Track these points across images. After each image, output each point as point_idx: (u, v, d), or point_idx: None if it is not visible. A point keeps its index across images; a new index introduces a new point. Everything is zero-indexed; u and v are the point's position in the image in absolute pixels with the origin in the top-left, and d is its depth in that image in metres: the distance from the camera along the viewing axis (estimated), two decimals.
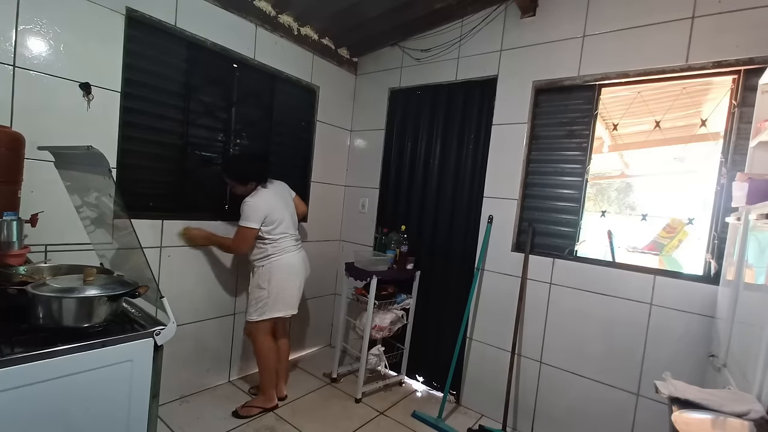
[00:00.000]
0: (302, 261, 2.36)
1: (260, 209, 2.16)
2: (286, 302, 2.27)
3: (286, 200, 2.35)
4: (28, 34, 1.64)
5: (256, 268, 2.27)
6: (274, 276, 2.22)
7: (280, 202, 2.28)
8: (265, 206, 2.19)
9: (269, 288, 2.21)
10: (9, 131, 1.48)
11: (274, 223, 2.21)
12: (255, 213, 2.15)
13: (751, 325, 1.14)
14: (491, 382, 2.49)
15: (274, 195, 2.27)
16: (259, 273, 2.24)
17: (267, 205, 2.19)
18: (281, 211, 2.26)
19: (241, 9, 2.38)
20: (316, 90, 2.97)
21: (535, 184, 2.41)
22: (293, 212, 2.38)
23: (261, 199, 2.19)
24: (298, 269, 2.32)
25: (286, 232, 2.28)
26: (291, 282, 2.28)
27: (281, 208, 2.27)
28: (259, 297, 2.22)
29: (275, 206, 2.23)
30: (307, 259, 2.42)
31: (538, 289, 2.34)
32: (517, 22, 2.43)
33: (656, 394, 1.12)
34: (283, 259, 2.25)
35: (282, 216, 2.25)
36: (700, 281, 1.90)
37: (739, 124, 1.84)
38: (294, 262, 2.30)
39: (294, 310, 2.32)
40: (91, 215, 1.68)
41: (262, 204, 2.18)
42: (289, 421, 2.26)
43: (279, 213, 2.24)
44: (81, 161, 1.48)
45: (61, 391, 0.96)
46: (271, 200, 2.23)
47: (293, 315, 2.35)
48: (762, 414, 0.95)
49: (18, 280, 1.21)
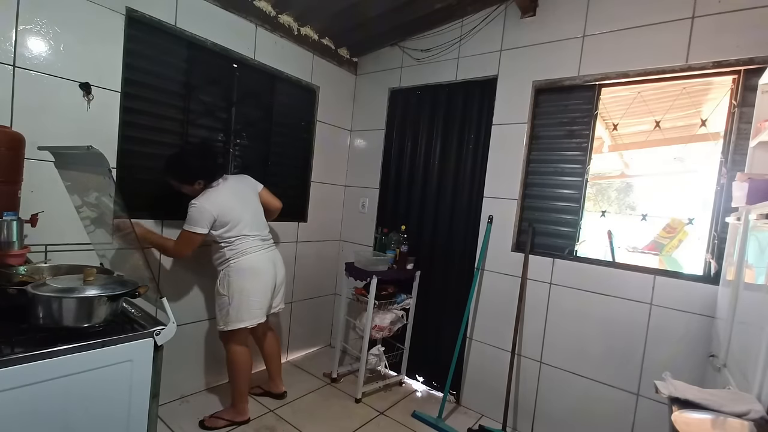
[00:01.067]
0: (269, 262, 2.14)
1: (207, 211, 1.95)
2: (250, 310, 2.06)
3: (245, 198, 2.14)
4: (28, 34, 1.64)
5: (217, 272, 2.11)
6: (234, 281, 2.03)
7: (235, 201, 2.06)
8: (214, 208, 1.97)
9: (229, 294, 2.03)
10: (9, 131, 1.48)
11: (227, 225, 2.01)
12: (201, 216, 1.94)
13: (751, 325, 1.14)
14: (491, 382, 2.49)
15: (228, 194, 2.05)
16: (219, 278, 2.08)
17: (216, 207, 1.98)
18: (237, 210, 2.05)
19: (241, 9, 2.38)
20: (316, 90, 2.97)
21: (535, 184, 2.41)
22: (257, 210, 2.18)
23: (209, 201, 1.97)
24: (263, 272, 2.10)
25: (245, 233, 2.07)
26: (254, 286, 2.06)
27: (237, 207, 2.05)
28: (221, 304, 2.06)
29: (228, 206, 2.01)
30: (278, 260, 2.23)
31: (538, 289, 2.34)
32: (517, 22, 2.43)
33: (656, 394, 1.12)
34: (242, 262, 2.05)
35: (239, 216, 2.05)
36: (700, 281, 1.90)
37: (739, 124, 1.84)
38: (257, 264, 2.08)
39: (260, 319, 2.11)
40: (91, 215, 1.68)
41: (209, 206, 1.96)
42: (289, 421, 2.26)
43: (234, 213, 2.03)
44: (81, 161, 1.48)
45: (61, 391, 0.96)
46: (222, 200, 2.01)
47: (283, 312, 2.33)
48: (762, 414, 0.95)
49: (18, 280, 1.21)
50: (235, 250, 2.05)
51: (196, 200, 1.97)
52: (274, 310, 2.26)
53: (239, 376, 2.13)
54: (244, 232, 2.07)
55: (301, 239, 2.99)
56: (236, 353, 2.11)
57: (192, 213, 1.94)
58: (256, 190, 2.24)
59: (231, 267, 2.05)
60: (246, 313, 2.05)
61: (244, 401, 2.19)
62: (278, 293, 2.26)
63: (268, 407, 2.36)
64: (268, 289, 2.13)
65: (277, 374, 2.46)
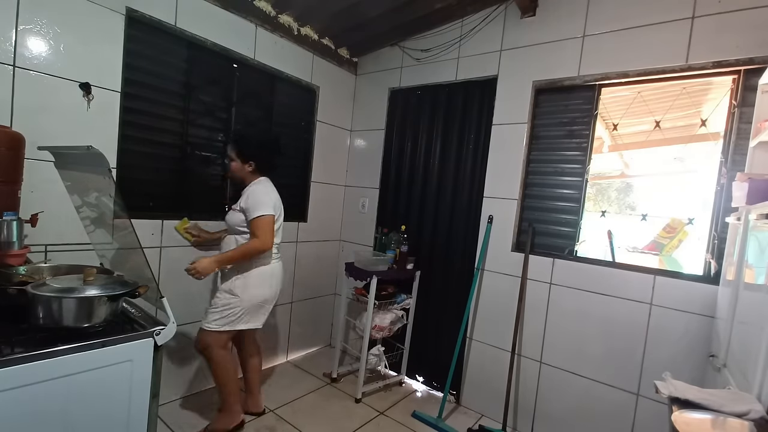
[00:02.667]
0: (282, 270, 2.13)
1: (272, 198, 1.96)
2: (259, 315, 2.03)
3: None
4: (28, 34, 1.64)
5: (232, 272, 1.98)
6: (255, 286, 1.96)
7: (279, 201, 2.07)
8: (276, 197, 1.99)
9: (243, 297, 1.94)
10: (9, 131, 1.48)
11: (278, 222, 2.01)
12: (268, 198, 1.93)
13: (751, 325, 1.14)
14: (491, 382, 2.49)
15: (276, 192, 2.07)
16: (235, 279, 1.96)
17: (276, 198, 1.99)
18: (281, 212, 2.06)
19: (241, 9, 2.38)
20: (316, 90, 2.97)
21: (535, 184, 2.41)
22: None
23: (271, 188, 2.02)
24: (278, 280, 2.09)
25: (279, 239, 2.07)
26: (270, 294, 2.03)
27: (280, 207, 2.06)
28: (228, 305, 1.93)
29: (279, 204, 2.04)
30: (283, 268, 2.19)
31: (538, 289, 2.34)
32: (517, 22, 2.43)
33: (656, 394, 1.12)
34: (266, 268, 2.00)
35: (281, 218, 2.06)
36: (700, 281, 1.90)
37: (739, 124, 1.84)
38: (276, 272, 2.07)
39: (261, 324, 2.07)
40: (91, 215, 1.68)
41: (273, 194, 1.99)
42: (289, 421, 2.26)
43: (279, 214, 2.04)
44: (81, 161, 1.48)
45: (61, 391, 0.96)
46: (277, 196, 2.03)
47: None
48: (762, 414, 0.95)
49: (18, 280, 1.21)
50: (270, 252, 2.00)
51: (255, 185, 1.99)
52: None
53: (229, 377, 2.02)
54: (280, 238, 2.06)
55: (301, 239, 2.99)
56: (222, 356, 1.98)
57: (257, 197, 1.92)
58: None
59: (255, 271, 1.97)
60: (254, 318, 2.01)
61: (237, 402, 2.08)
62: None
63: (267, 407, 2.36)
64: (277, 297, 2.11)
65: (258, 389, 2.30)
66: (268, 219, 1.90)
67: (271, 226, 1.91)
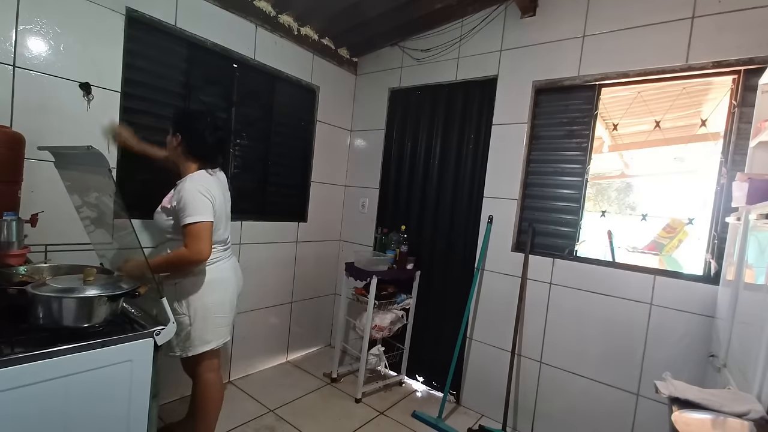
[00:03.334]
0: (232, 271, 1.81)
1: (209, 197, 1.60)
2: (216, 329, 1.71)
3: (226, 196, 1.80)
4: (28, 34, 1.64)
5: (169, 284, 1.66)
6: (195, 296, 1.66)
7: (222, 197, 1.73)
8: (215, 194, 1.64)
9: (190, 312, 1.65)
10: (9, 131, 1.48)
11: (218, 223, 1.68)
12: (206, 201, 1.58)
13: (751, 325, 1.14)
14: (491, 382, 2.49)
15: (219, 186, 1.71)
16: (175, 291, 1.65)
17: (217, 193, 1.65)
18: (223, 209, 1.73)
19: (241, 9, 2.38)
20: (316, 90, 2.97)
21: (535, 184, 2.41)
22: (229, 216, 1.85)
23: (207, 183, 1.63)
24: (228, 283, 1.77)
25: (221, 239, 1.74)
26: (219, 301, 1.72)
27: (223, 204, 1.73)
28: (181, 324, 1.64)
29: (220, 201, 1.68)
30: (238, 267, 1.90)
31: (538, 289, 2.33)
32: (517, 22, 2.43)
33: (656, 394, 1.12)
34: (210, 272, 1.69)
35: (223, 214, 1.73)
36: (700, 281, 1.90)
37: (739, 124, 1.84)
38: (221, 275, 1.73)
39: (227, 337, 1.80)
40: (91, 215, 1.68)
41: (212, 190, 1.63)
42: (289, 421, 2.26)
43: (221, 211, 1.70)
44: (81, 161, 1.48)
45: (61, 391, 0.96)
46: (216, 192, 1.66)
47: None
48: (762, 414, 0.95)
49: (18, 280, 1.21)
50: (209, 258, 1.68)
51: (187, 181, 1.61)
52: None
53: (210, 413, 1.76)
54: (222, 237, 1.75)
55: (301, 239, 2.99)
56: (210, 384, 1.73)
57: (189, 198, 1.55)
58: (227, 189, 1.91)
59: (190, 279, 1.66)
60: (211, 333, 1.70)
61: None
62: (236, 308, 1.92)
63: (267, 407, 2.36)
64: (233, 302, 1.81)
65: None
66: (203, 226, 1.55)
67: (206, 234, 1.56)
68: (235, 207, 2.59)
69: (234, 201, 2.02)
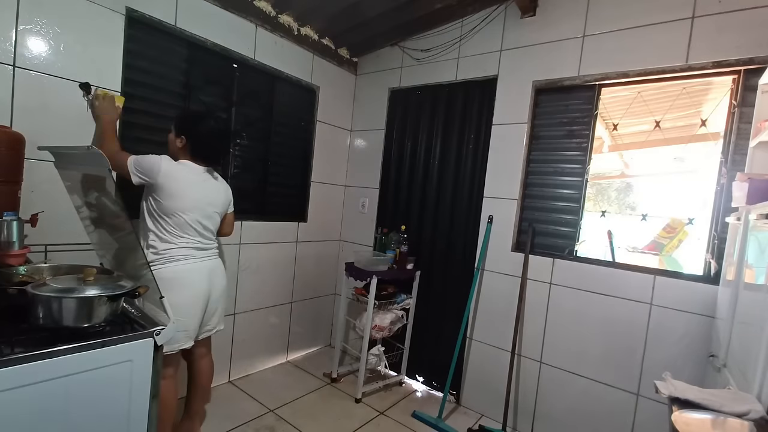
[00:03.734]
0: (201, 273, 1.73)
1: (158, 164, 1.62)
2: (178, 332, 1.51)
3: (212, 198, 1.79)
4: (28, 34, 1.64)
5: None
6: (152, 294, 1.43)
7: (198, 191, 1.71)
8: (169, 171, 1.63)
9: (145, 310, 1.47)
10: (9, 131, 1.48)
11: (169, 204, 1.63)
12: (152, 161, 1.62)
13: (751, 325, 1.14)
14: (491, 382, 2.49)
15: (199, 180, 1.73)
16: None
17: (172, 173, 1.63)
18: (191, 199, 1.68)
19: (241, 9, 2.38)
20: (316, 90, 2.97)
21: (535, 184, 2.41)
22: (212, 217, 1.80)
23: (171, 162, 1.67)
24: (191, 284, 1.68)
25: (183, 234, 1.68)
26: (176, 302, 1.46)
27: (195, 197, 1.69)
28: None
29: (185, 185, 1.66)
30: (218, 271, 1.83)
31: (538, 289, 2.33)
32: (517, 22, 2.43)
33: (656, 394, 1.12)
34: (165, 270, 1.62)
35: (189, 205, 1.67)
36: (700, 281, 1.90)
37: (739, 124, 1.84)
38: (183, 275, 1.66)
39: (184, 344, 1.68)
40: (91, 215, 1.68)
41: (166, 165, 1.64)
42: (289, 421, 2.26)
43: (185, 200, 1.66)
44: (81, 161, 1.48)
45: (61, 391, 0.96)
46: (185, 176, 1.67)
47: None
48: (762, 414, 0.95)
49: (18, 280, 1.21)
50: (163, 255, 1.65)
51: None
52: (208, 333, 1.86)
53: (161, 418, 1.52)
54: (183, 231, 1.68)
55: (301, 239, 2.99)
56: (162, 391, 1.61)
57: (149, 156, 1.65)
58: (228, 204, 1.94)
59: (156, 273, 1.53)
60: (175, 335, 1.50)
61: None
62: (213, 312, 1.84)
63: (267, 407, 2.36)
64: (197, 306, 1.71)
65: (198, 415, 1.95)
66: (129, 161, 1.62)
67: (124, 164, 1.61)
68: (235, 207, 2.59)
69: (234, 201, 2.02)
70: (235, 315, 2.61)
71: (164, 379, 1.64)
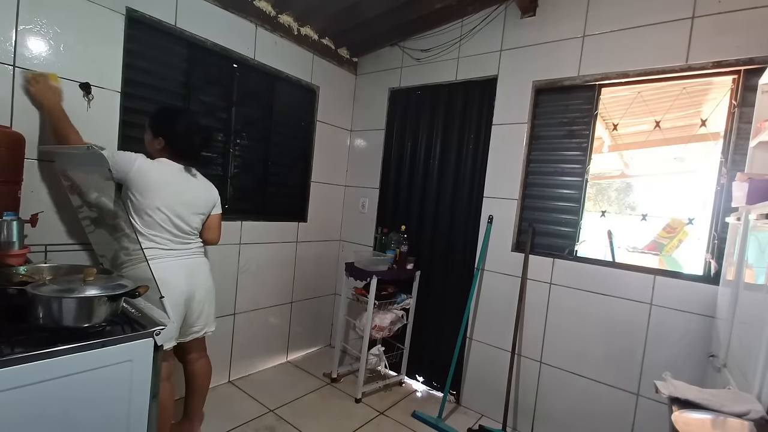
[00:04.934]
0: (178, 272, 1.66)
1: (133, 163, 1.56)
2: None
3: (190, 198, 1.71)
4: (28, 34, 1.64)
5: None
6: None
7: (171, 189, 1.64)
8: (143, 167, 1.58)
9: None
10: (9, 131, 1.48)
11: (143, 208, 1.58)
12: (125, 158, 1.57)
13: (751, 325, 1.14)
14: (491, 382, 2.49)
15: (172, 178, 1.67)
16: None
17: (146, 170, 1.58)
18: (164, 198, 1.62)
19: (241, 9, 2.38)
20: (316, 90, 2.97)
21: (535, 184, 2.41)
22: (191, 217, 1.72)
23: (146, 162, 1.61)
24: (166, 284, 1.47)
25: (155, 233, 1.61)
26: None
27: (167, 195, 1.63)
28: None
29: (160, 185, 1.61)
30: (199, 271, 1.77)
31: (538, 289, 2.33)
32: (517, 22, 2.43)
33: (656, 394, 1.12)
34: (138, 269, 1.54)
35: (162, 203, 1.61)
36: (700, 281, 1.90)
37: (739, 124, 1.84)
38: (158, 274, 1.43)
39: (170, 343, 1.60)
40: (91, 215, 1.68)
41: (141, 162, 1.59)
42: (289, 421, 2.26)
43: (158, 199, 1.60)
44: (81, 161, 1.48)
45: (61, 391, 0.96)
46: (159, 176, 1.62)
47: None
48: (762, 414, 0.95)
49: (18, 280, 1.21)
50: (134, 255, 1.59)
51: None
52: (196, 335, 1.80)
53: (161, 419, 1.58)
54: (154, 231, 1.62)
55: (301, 239, 2.99)
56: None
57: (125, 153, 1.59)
58: (211, 203, 1.83)
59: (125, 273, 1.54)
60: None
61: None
62: (199, 313, 1.77)
63: (267, 407, 2.36)
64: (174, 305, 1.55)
65: (197, 416, 1.93)
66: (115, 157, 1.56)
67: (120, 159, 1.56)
68: (235, 207, 2.60)
69: (234, 201, 2.02)
70: (235, 315, 2.61)
71: (166, 380, 1.64)
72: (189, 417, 1.94)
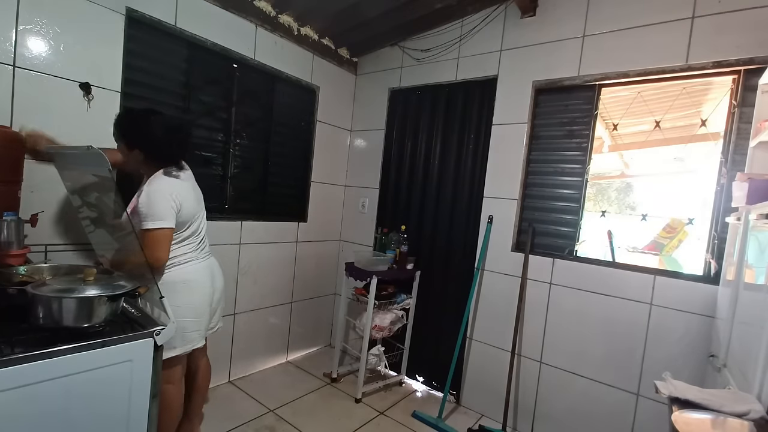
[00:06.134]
0: (205, 272, 1.71)
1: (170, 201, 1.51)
2: (184, 334, 1.58)
3: (197, 192, 1.73)
4: (28, 34, 1.64)
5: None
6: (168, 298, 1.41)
7: (192, 198, 1.64)
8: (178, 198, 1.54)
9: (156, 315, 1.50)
10: (9, 131, 1.48)
11: (187, 224, 1.62)
12: (166, 206, 1.49)
13: (751, 325, 1.14)
14: (491, 382, 2.49)
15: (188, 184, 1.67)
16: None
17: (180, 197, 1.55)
18: (194, 207, 1.65)
19: (241, 9, 2.38)
20: (316, 90, 2.97)
21: (535, 184, 2.41)
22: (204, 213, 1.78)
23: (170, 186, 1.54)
24: (199, 285, 1.67)
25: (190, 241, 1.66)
26: (187, 304, 1.60)
27: (195, 203, 1.66)
28: None
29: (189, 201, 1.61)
30: (216, 269, 1.82)
31: (538, 289, 2.33)
32: (517, 22, 2.43)
33: (656, 394, 1.12)
34: (172, 274, 1.58)
35: (195, 210, 1.66)
36: (700, 281, 1.90)
37: (739, 124, 1.84)
38: (190, 277, 1.64)
39: (198, 343, 1.68)
40: (91, 215, 1.68)
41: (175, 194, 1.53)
42: (289, 421, 2.26)
43: (191, 210, 1.62)
44: (81, 161, 1.48)
45: (61, 391, 0.96)
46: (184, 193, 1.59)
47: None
48: (762, 414, 0.95)
49: (18, 280, 1.21)
50: (179, 257, 1.61)
51: (149, 184, 1.53)
52: (212, 331, 1.86)
53: (165, 424, 1.63)
54: (195, 236, 1.68)
55: (301, 239, 2.99)
56: (167, 394, 1.59)
57: (151, 202, 1.47)
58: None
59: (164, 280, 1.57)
60: (179, 338, 1.56)
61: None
62: (216, 310, 1.84)
63: (267, 407, 2.36)
64: (205, 305, 1.70)
65: (197, 416, 1.94)
66: (163, 234, 1.48)
67: (166, 242, 1.49)
68: (235, 207, 2.60)
69: (234, 201, 2.01)
70: (235, 315, 2.61)
71: (172, 384, 1.64)
72: (189, 417, 1.92)
